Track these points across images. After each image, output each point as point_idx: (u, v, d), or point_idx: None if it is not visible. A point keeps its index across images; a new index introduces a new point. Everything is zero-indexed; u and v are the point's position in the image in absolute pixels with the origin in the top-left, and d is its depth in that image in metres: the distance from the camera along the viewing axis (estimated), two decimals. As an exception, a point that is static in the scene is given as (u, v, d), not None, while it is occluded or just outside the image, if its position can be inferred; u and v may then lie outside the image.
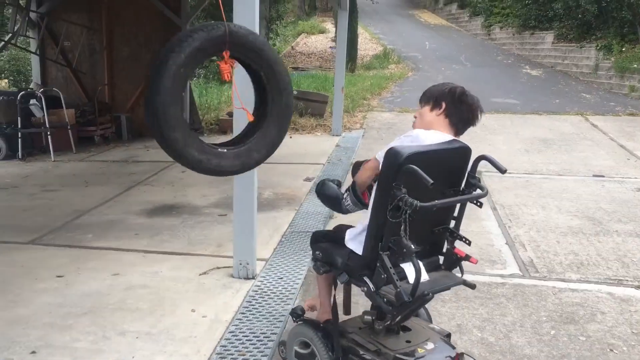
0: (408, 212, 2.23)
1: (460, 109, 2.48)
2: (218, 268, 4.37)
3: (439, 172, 2.28)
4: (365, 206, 2.60)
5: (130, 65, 10.96)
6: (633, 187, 6.70)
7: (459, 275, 2.56)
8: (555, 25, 18.44)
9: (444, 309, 3.72)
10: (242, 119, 3.90)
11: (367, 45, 22.83)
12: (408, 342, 2.63)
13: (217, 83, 16.42)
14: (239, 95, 3.27)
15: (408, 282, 2.32)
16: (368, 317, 2.67)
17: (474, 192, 2.48)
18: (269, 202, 6.00)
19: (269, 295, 3.91)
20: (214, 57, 2.85)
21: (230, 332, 3.41)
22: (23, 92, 9.46)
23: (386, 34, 25.87)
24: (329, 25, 28.16)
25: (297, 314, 3.02)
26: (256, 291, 3.98)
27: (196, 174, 2.95)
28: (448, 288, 2.54)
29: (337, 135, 10.11)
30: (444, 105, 2.48)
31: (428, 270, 2.45)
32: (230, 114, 11.03)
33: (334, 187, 2.80)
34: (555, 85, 15.33)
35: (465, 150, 2.46)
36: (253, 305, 3.78)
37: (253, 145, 2.90)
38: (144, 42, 10.86)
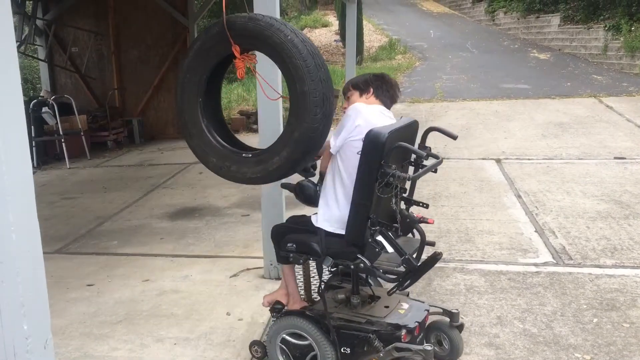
0: (399, 186, 2.48)
1: (385, 88, 2.86)
2: (248, 269, 4.35)
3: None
4: None
5: (139, 68, 10.95)
6: (656, 168, 6.62)
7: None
8: (561, 7, 18.21)
9: (481, 301, 3.68)
10: (268, 118, 3.88)
11: (372, 37, 22.66)
12: (387, 307, 2.84)
13: (225, 82, 16.34)
14: (263, 90, 3.23)
15: (387, 251, 2.58)
16: (342, 296, 2.89)
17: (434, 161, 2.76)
18: (292, 199, 5.94)
19: (302, 293, 3.87)
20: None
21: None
22: (35, 100, 9.44)
23: (390, 24, 25.68)
24: (331, 19, 27.97)
25: (277, 308, 3.07)
26: (289, 291, 3.94)
27: (213, 175, 2.95)
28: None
29: (350, 129, 10.02)
30: (371, 89, 2.85)
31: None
32: (242, 113, 11.00)
33: (311, 186, 3.05)
34: (565, 68, 15.17)
35: (416, 124, 2.85)
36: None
37: (274, 147, 2.60)
38: (152, 44, 10.84)
